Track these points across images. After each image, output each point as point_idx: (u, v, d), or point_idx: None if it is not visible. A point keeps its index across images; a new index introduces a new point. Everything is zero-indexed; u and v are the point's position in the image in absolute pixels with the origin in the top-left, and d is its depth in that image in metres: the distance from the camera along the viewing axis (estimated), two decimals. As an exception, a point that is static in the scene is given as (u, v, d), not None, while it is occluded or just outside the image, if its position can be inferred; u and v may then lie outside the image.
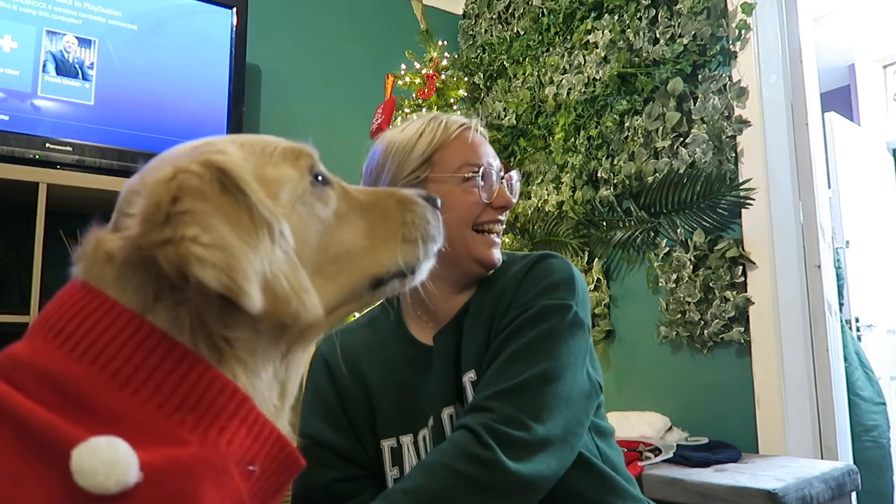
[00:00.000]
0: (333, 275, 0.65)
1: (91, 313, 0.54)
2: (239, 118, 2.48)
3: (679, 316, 2.41)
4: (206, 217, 0.51)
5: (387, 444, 1.11)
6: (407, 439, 1.10)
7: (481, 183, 1.12)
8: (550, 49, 3.00)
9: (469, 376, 1.06)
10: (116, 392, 0.51)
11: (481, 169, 1.12)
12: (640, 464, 1.98)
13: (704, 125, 2.40)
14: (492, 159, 1.15)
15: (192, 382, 0.54)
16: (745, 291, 2.27)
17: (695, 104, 2.43)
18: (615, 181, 2.66)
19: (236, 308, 0.52)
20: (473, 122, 1.18)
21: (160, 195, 0.52)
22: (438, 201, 0.77)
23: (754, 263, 2.26)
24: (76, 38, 2.20)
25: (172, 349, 0.54)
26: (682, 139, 2.46)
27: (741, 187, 2.29)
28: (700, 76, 2.43)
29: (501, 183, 1.15)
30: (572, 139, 2.83)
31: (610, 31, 2.71)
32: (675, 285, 2.43)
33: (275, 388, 0.61)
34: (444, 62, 2.62)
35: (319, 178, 0.68)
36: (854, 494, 2.07)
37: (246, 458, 0.56)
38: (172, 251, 0.50)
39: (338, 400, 1.14)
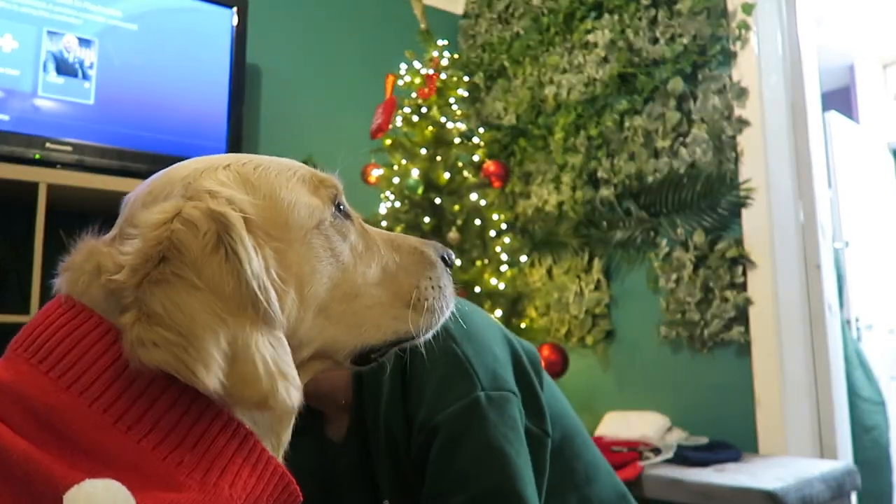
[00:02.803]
0: (338, 318, 0.61)
1: (82, 337, 0.50)
2: (239, 118, 2.48)
3: (679, 316, 2.41)
4: (176, 292, 0.48)
5: None
6: None
7: None
8: (550, 49, 3.00)
9: None
10: (109, 427, 0.47)
11: None
12: (640, 464, 1.98)
13: (704, 125, 2.40)
14: None
15: (193, 420, 0.50)
16: (745, 291, 2.27)
17: (695, 104, 2.43)
18: (615, 181, 2.66)
19: None
20: None
21: (152, 246, 0.49)
22: (453, 257, 0.74)
23: (754, 263, 2.25)
24: (76, 38, 2.19)
25: (171, 383, 0.50)
26: (682, 139, 2.46)
27: (741, 187, 2.29)
28: (700, 76, 2.43)
29: None
30: (572, 139, 2.83)
31: (610, 31, 2.71)
32: (675, 285, 2.43)
33: (268, 438, 0.57)
34: (444, 62, 2.62)
35: (342, 208, 0.65)
36: (854, 494, 2.07)
37: (249, 501, 0.52)
38: (130, 321, 0.48)
39: None
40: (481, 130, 3.06)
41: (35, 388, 0.48)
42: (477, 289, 2.32)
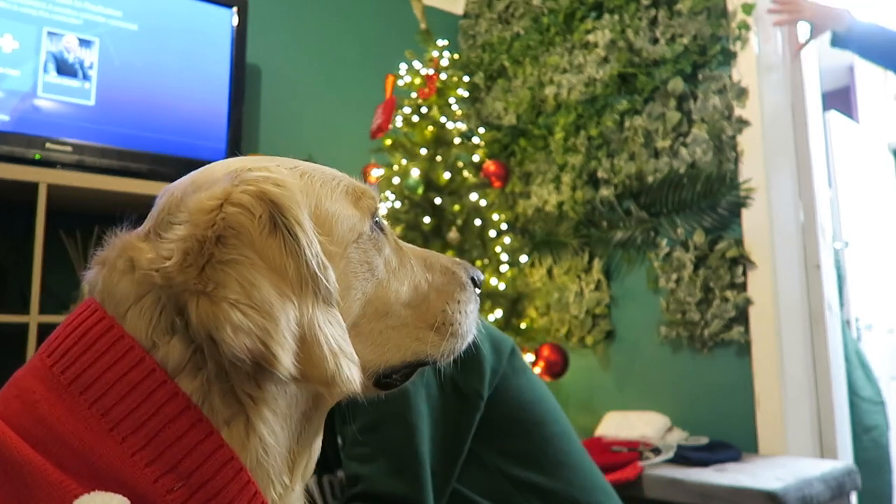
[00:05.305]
0: (365, 336, 0.60)
1: (100, 355, 0.49)
2: (239, 118, 2.48)
3: (679, 316, 2.41)
4: (249, 271, 0.47)
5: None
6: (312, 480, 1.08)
7: None
8: (550, 49, 3.00)
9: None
10: (104, 434, 0.46)
11: None
12: (640, 464, 1.98)
13: (704, 125, 2.40)
14: None
15: (191, 444, 0.47)
16: (745, 291, 2.27)
17: (695, 104, 2.43)
18: (615, 181, 2.66)
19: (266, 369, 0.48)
20: None
21: (204, 230, 0.48)
22: (482, 278, 0.74)
23: (754, 263, 2.25)
24: (76, 38, 2.19)
25: (173, 397, 0.48)
26: (682, 139, 2.46)
27: (741, 187, 2.29)
28: (700, 76, 2.43)
29: None
30: (572, 139, 2.83)
31: (610, 31, 2.71)
32: (675, 285, 2.43)
33: (287, 462, 0.54)
34: (444, 62, 2.62)
35: (377, 221, 0.64)
36: (854, 494, 2.07)
37: None
38: (208, 307, 0.46)
39: None
40: (481, 130, 3.06)
41: (60, 419, 0.46)
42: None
